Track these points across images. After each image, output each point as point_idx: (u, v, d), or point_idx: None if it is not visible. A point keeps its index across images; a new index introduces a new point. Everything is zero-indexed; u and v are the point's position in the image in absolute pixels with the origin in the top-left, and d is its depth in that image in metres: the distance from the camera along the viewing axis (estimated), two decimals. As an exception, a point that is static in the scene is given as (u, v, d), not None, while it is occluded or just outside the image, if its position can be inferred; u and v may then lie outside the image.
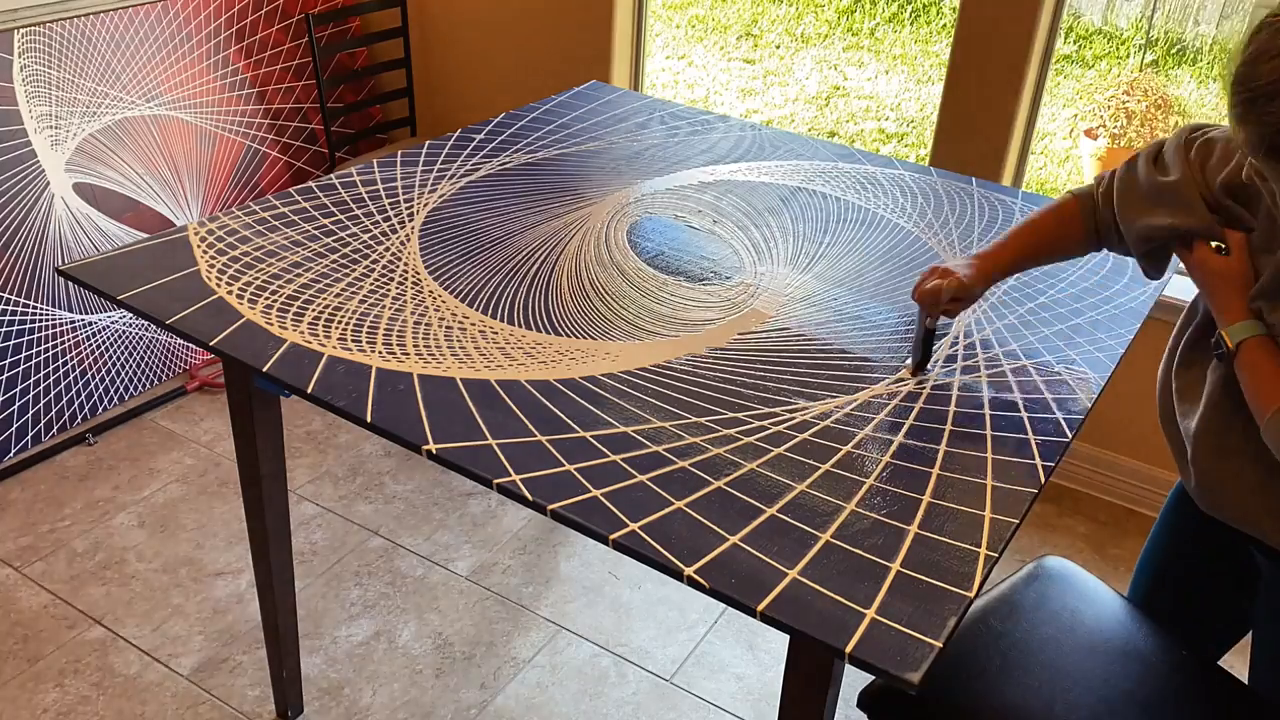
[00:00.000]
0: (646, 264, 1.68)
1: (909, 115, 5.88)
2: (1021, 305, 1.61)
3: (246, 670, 2.10)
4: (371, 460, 2.69)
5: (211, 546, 2.40)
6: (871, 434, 1.30)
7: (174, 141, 2.89)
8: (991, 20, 2.35)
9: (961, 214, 1.90)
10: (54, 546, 2.37)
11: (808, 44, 6.79)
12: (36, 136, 2.58)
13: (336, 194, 1.84)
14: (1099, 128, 5.03)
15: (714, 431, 1.29)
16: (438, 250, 1.68)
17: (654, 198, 1.91)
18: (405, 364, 1.38)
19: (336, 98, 3.32)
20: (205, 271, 1.56)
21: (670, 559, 1.09)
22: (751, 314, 1.56)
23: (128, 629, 2.17)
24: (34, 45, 2.57)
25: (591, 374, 1.39)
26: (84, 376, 2.73)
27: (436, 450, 1.22)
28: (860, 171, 2.06)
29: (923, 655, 0.98)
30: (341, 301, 1.52)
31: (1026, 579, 1.55)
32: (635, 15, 2.95)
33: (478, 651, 2.16)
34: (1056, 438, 1.31)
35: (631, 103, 2.35)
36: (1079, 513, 2.63)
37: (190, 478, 2.60)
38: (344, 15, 3.00)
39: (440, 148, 2.06)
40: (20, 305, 2.58)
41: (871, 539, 1.13)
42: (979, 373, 1.44)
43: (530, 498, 1.16)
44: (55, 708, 2.00)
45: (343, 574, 2.34)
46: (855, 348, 1.48)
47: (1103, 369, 1.46)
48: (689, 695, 2.08)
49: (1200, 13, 6.18)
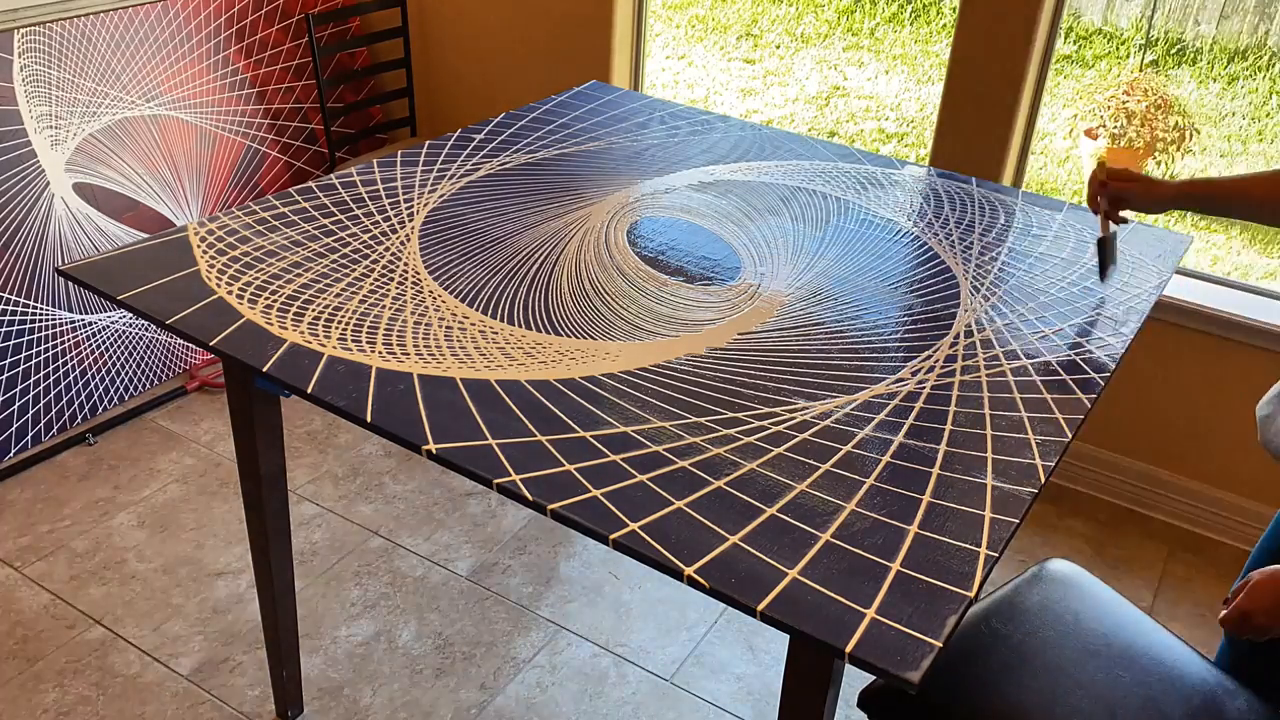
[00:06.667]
0: (646, 264, 1.68)
1: (909, 115, 5.88)
2: (1022, 305, 1.61)
3: (246, 670, 2.10)
4: (371, 460, 2.69)
5: (211, 546, 2.40)
6: (871, 434, 1.30)
7: (174, 141, 2.89)
8: (991, 20, 2.35)
9: (961, 214, 1.90)
10: (54, 546, 2.37)
11: (808, 44, 6.79)
12: (36, 136, 2.58)
13: (336, 194, 1.84)
14: (1099, 128, 5.03)
15: (714, 431, 1.29)
16: (438, 250, 1.68)
17: (654, 198, 1.91)
18: (405, 364, 1.38)
19: (336, 98, 3.32)
20: (205, 271, 1.56)
21: (670, 559, 1.09)
22: (751, 314, 1.56)
23: (128, 629, 2.17)
24: (34, 45, 2.57)
25: (591, 374, 1.39)
26: (84, 376, 2.73)
27: (436, 450, 1.22)
28: (860, 171, 2.06)
29: (923, 655, 0.98)
30: (341, 301, 1.52)
31: (1029, 581, 1.55)
32: (635, 15, 2.95)
33: (478, 651, 2.16)
34: (1056, 438, 1.31)
35: (631, 103, 2.35)
36: (1079, 513, 2.63)
37: (190, 478, 2.60)
38: (344, 15, 3.00)
39: (440, 148, 2.06)
40: (20, 305, 2.58)
41: (871, 539, 1.13)
42: (979, 373, 1.44)
43: (530, 498, 1.16)
44: (55, 708, 2.00)
45: (343, 574, 2.34)
46: (855, 348, 1.48)
47: (1103, 369, 1.46)
48: (689, 695, 2.08)
49: (1200, 13, 6.17)
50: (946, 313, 1.57)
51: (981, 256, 1.75)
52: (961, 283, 1.67)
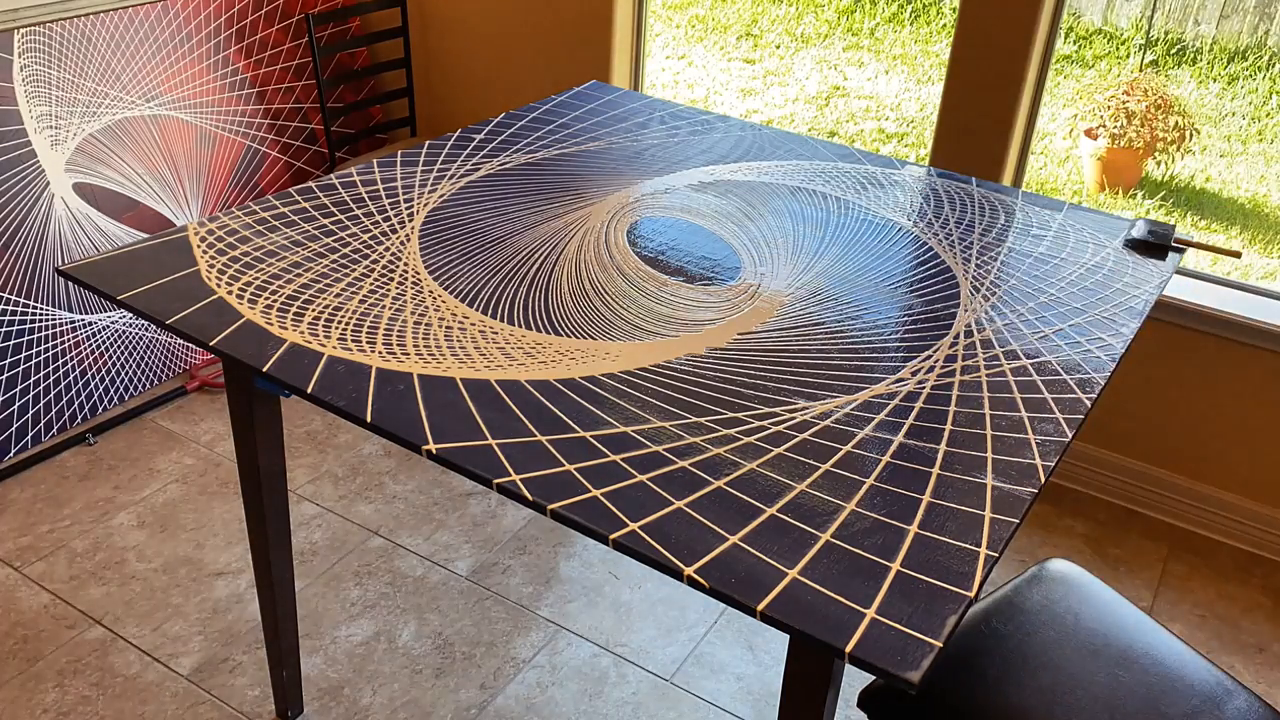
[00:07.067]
0: (646, 264, 1.68)
1: (909, 115, 5.88)
2: (1022, 305, 1.61)
3: (246, 670, 2.10)
4: (371, 460, 2.69)
5: (211, 546, 2.40)
6: (871, 434, 1.30)
7: (174, 141, 2.89)
8: (991, 20, 2.35)
9: (962, 214, 1.90)
10: (54, 546, 2.37)
11: (808, 44, 6.79)
12: (36, 136, 2.58)
13: (336, 194, 1.84)
14: (1099, 128, 5.03)
15: (714, 431, 1.29)
16: (438, 250, 1.68)
17: (654, 198, 1.91)
18: (405, 364, 1.38)
19: (336, 98, 3.32)
20: (205, 271, 1.56)
21: (670, 559, 1.09)
22: (751, 314, 1.56)
23: (128, 629, 2.17)
24: (34, 45, 2.57)
25: (591, 374, 1.39)
26: (84, 376, 2.73)
27: (436, 450, 1.22)
28: (860, 171, 2.06)
29: (923, 655, 0.98)
30: (341, 301, 1.52)
31: (1030, 581, 1.55)
32: (635, 15, 2.95)
33: (478, 651, 2.16)
34: (1056, 438, 1.31)
35: (631, 103, 2.35)
36: (1079, 513, 2.63)
37: (190, 478, 2.60)
38: (344, 15, 3.00)
39: (440, 148, 2.06)
40: (20, 305, 2.58)
41: (871, 539, 1.13)
42: (979, 373, 1.44)
43: (530, 498, 1.16)
44: (55, 708, 2.00)
45: (343, 574, 2.34)
46: (855, 348, 1.48)
47: (1103, 369, 1.46)
48: (689, 695, 2.08)
49: (1200, 13, 6.17)
50: (946, 313, 1.58)
51: (981, 256, 1.75)
52: (961, 283, 1.67)
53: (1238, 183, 5.22)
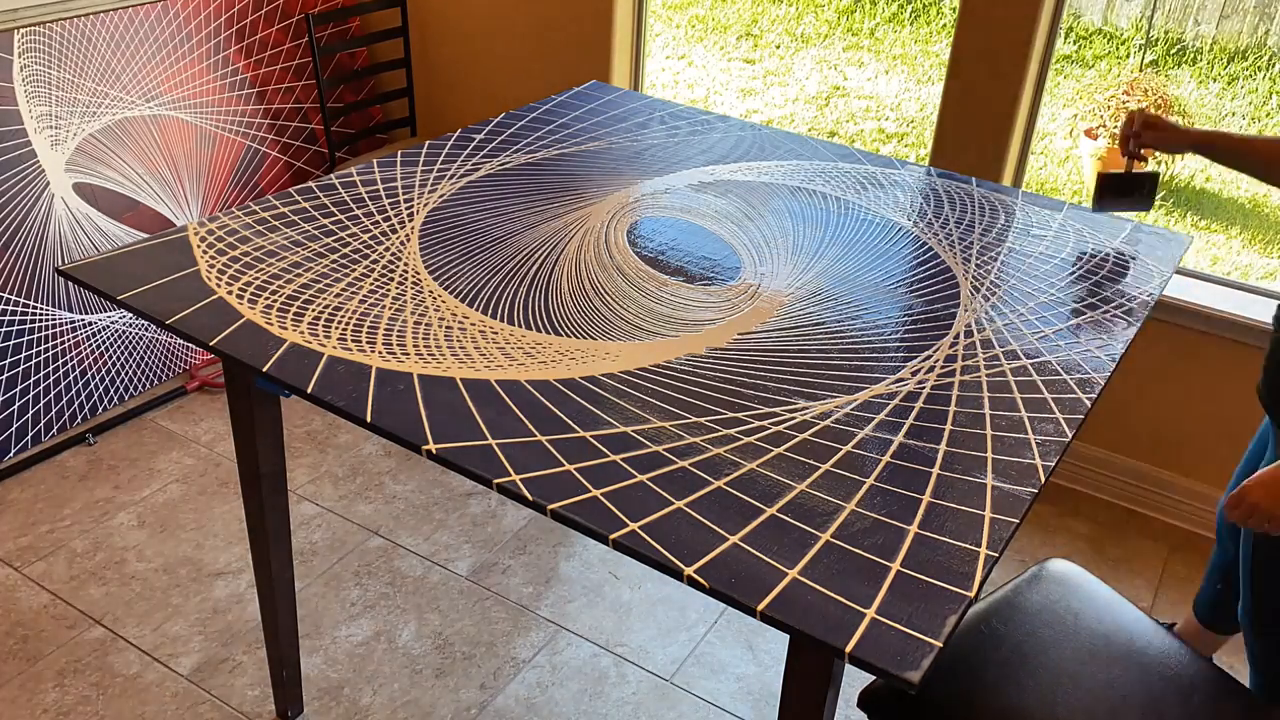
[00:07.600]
0: (646, 264, 1.68)
1: (909, 115, 5.88)
2: (1022, 304, 1.61)
3: (246, 670, 2.10)
4: (371, 460, 2.69)
5: (211, 546, 2.40)
6: (871, 434, 1.30)
7: (174, 141, 2.89)
8: (991, 20, 2.35)
9: (961, 214, 1.90)
10: (54, 546, 2.37)
11: (808, 44, 6.79)
12: (36, 136, 2.58)
13: (336, 194, 1.84)
14: (1099, 128, 5.03)
15: (714, 431, 1.29)
16: (438, 250, 1.68)
17: (654, 198, 1.91)
18: (405, 364, 1.38)
19: (336, 98, 3.32)
20: (205, 271, 1.56)
21: (670, 559, 1.09)
22: (751, 314, 1.56)
23: (128, 629, 2.17)
24: (34, 45, 2.57)
25: (591, 374, 1.39)
26: (84, 376, 2.73)
27: (436, 450, 1.22)
28: (860, 171, 2.06)
29: (923, 655, 0.98)
30: (341, 301, 1.52)
31: (1029, 581, 1.55)
32: (635, 15, 2.95)
33: (478, 651, 2.16)
34: (1056, 438, 1.31)
35: (631, 103, 2.35)
36: (1079, 513, 2.63)
37: (190, 478, 2.60)
38: (344, 15, 3.00)
39: (440, 148, 2.06)
40: (20, 305, 2.58)
41: (871, 539, 1.13)
42: (979, 372, 1.44)
43: (530, 498, 1.16)
44: (55, 708, 2.00)
45: (343, 574, 2.34)
46: (855, 348, 1.48)
47: (1103, 369, 1.46)
48: (689, 695, 2.08)
49: (1200, 13, 6.18)
50: (946, 313, 1.58)
51: (981, 256, 1.75)
52: (961, 283, 1.67)
53: (1238, 183, 5.22)
